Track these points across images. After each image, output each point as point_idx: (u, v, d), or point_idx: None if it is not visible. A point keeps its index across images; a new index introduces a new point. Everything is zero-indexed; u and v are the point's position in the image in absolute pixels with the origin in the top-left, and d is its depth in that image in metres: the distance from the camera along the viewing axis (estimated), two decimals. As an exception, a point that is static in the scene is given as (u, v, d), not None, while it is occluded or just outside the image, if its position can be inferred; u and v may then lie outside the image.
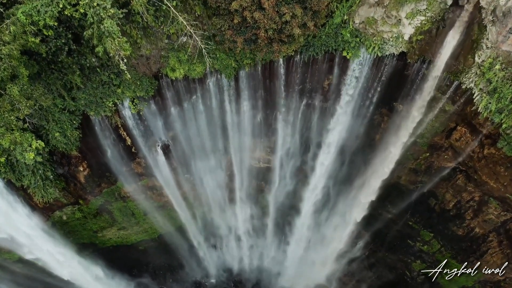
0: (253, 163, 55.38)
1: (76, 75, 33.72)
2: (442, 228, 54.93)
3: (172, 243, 70.64)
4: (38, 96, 30.30)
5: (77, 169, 45.93)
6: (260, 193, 61.89)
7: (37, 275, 56.93)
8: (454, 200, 50.77)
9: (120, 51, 26.23)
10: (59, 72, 33.25)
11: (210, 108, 43.53)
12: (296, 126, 46.79)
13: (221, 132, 47.29)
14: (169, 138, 46.21)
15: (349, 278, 75.95)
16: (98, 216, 58.44)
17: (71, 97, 37.11)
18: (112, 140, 43.63)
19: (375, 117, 46.33)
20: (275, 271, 79.04)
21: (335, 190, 57.43)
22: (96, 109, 38.49)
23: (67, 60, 31.18)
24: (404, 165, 50.81)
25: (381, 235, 63.93)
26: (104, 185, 50.46)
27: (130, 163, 49.07)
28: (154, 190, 56.38)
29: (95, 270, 60.46)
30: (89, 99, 37.55)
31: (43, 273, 55.07)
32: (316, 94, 43.12)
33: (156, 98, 40.74)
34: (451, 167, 47.72)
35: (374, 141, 49.45)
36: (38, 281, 58.65)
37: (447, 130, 44.31)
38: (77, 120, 39.18)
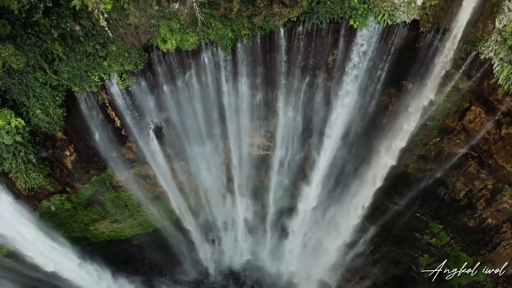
0: (252, 151, 52.10)
1: (57, 43, 30.46)
2: (452, 220, 52.13)
3: (168, 238, 67.62)
4: (8, 56, 26.93)
5: (63, 153, 42.65)
6: (260, 184, 58.51)
7: (27, 271, 52.68)
8: (465, 189, 47.99)
9: (100, 4, 22.82)
10: (37, 38, 30.17)
11: (205, 87, 40.46)
12: (298, 108, 43.77)
13: (218, 114, 44.20)
14: (162, 120, 42.98)
15: (352, 274, 73.04)
16: (89, 208, 55.27)
17: (53, 70, 33.90)
18: (99, 120, 40.40)
19: (382, 98, 43.54)
20: (276, 267, 75.41)
21: (339, 179, 53.67)
22: (80, 84, 35.30)
23: (44, 21, 28.08)
24: (412, 151, 48.26)
25: (386, 228, 61.06)
26: (93, 171, 47.15)
27: (120, 147, 45.85)
28: (147, 179, 53.09)
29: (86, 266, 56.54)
30: (73, 72, 34.38)
31: (34, 269, 51.03)
32: (319, 72, 40.04)
33: (147, 74, 37.49)
34: (463, 153, 44.99)
35: (381, 125, 46.23)
36: (28, 277, 53.95)
37: (460, 111, 41.45)
38: (60, 96, 36.00)
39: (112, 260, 66.51)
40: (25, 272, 53.29)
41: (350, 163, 51.42)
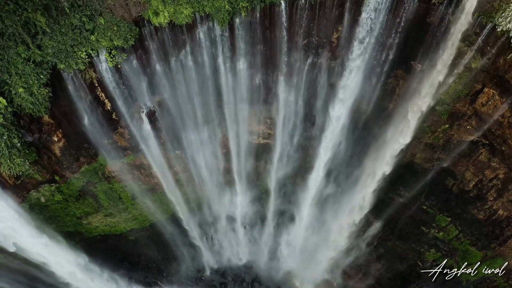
0: (252, 139, 49.46)
1: (39, 13, 27.71)
2: (461, 212, 49.89)
3: (165, 233, 65.34)
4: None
5: (50, 139, 40.03)
6: (260, 175, 55.85)
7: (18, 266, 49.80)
8: (475, 179, 45.82)
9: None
10: (16, 5, 27.26)
11: (201, 67, 38.00)
12: (300, 91, 41.33)
13: (215, 98, 41.73)
14: (155, 104, 40.46)
15: (355, 271, 70.56)
16: (81, 200, 52.84)
17: (36, 44, 31.46)
18: (88, 102, 37.88)
19: (389, 81, 41.37)
20: (276, 263, 72.76)
21: (343, 170, 50.97)
22: (66, 60, 32.82)
23: (23, -14, 25.24)
24: (420, 139, 46.12)
25: (391, 222, 58.73)
26: (83, 159, 44.54)
27: (111, 133, 43.26)
28: (141, 170, 50.52)
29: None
30: (58, 47, 31.91)
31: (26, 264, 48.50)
32: (323, 51, 37.68)
33: (138, 51, 35.00)
34: (473, 141, 42.98)
35: (387, 111, 44.17)
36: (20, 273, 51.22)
37: (472, 93, 39.23)
38: (45, 74, 33.51)
39: (107, 256, 63.73)
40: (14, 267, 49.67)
41: (354, 151, 48.44)
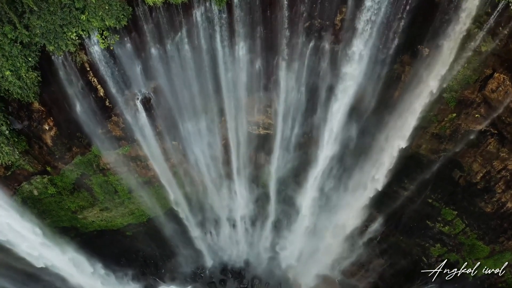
0: (252, 129, 47.63)
1: (26, -11, 25.72)
2: (468, 205, 48.54)
3: (163, 229, 63.79)
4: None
5: (41, 127, 38.26)
6: (260, 167, 53.98)
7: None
8: (483, 170, 44.36)
9: None
10: (-1, -22, 25.40)
11: (198, 51, 36.33)
12: (302, 77, 39.48)
13: (213, 84, 39.70)
14: (150, 90, 38.67)
15: (358, 267, 68.70)
16: (75, 193, 51.20)
17: (24, 24, 29.80)
18: (80, 88, 36.13)
19: (394, 67, 39.83)
20: (277, 259, 71.01)
21: (346, 162, 49.14)
22: (55, 41, 31.06)
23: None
24: (426, 129, 44.60)
25: (395, 216, 57.26)
26: (76, 149, 42.74)
27: (105, 122, 41.51)
28: (138, 161, 48.76)
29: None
30: (46, 27, 30.19)
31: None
32: (326, 34, 36.03)
33: (132, 33, 33.21)
34: (481, 130, 41.42)
35: (392, 99, 42.60)
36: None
37: (481, 79, 37.62)
38: (33, 57, 31.73)
39: (104, 253, 62.51)
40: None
41: (358, 142, 46.48)
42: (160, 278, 71.22)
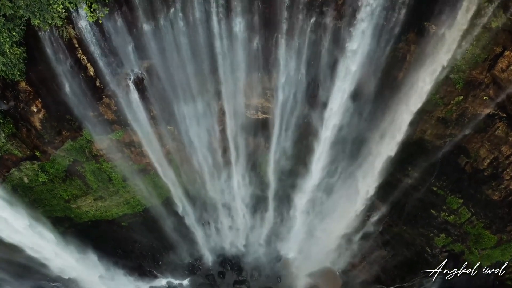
0: (250, 114, 45.65)
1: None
2: (474, 193, 46.84)
3: (159, 219, 62.04)
4: None
5: (29, 109, 36.25)
6: (259, 154, 52.02)
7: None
8: (490, 156, 42.77)
9: None
10: None
11: (193, 27, 34.69)
12: (302, 56, 37.59)
13: (209, 64, 37.59)
14: (143, 70, 36.70)
15: (359, 259, 66.80)
16: (68, 181, 49.47)
17: (6, -5, 27.08)
18: (69, 66, 34.16)
19: (399, 46, 38.19)
20: (276, 251, 69.42)
21: (347, 148, 47.18)
22: (40, 14, 29.33)
23: None
24: (431, 113, 43.12)
25: (398, 205, 55.55)
26: (66, 133, 40.82)
27: (96, 105, 39.71)
28: (132, 148, 46.94)
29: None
30: (31, -2, 27.62)
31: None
32: (328, 9, 34.30)
33: (123, 7, 31.38)
34: (489, 114, 39.92)
35: (396, 81, 40.97)
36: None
37: (491, 58, 36.00)
38: (17, 31, 29.99)
39: (99, 244, 60.96)
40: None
41: (360, 127, 44.72)
42: (157, 270, 68.71)
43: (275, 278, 70.20)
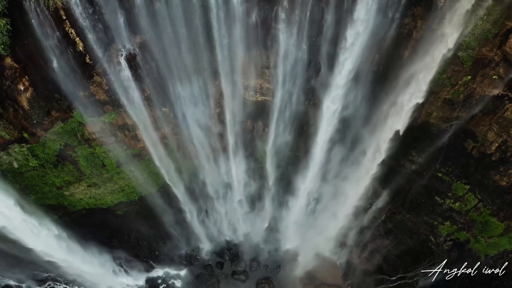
0: (248, 96, 43.64)
1: None
2: (481, 178, 45.36)
3: (156, 207, 60.53)
4: None
5: (15, 87, 34.41)
6: (258, 139, 50.07)
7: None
8: (499, 140, 41.42)
9: None
10: None
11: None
12: (303, 31, 35.42)
13: (205, 41, 35.49)
14: (135, 46, 34.61)
15: (361, 248, 65.19)
16: (60, 166, 47.79)
17: (-15, -42, 24.95)
18: (56, 41, 31.93)
19: (405, 22, 36.88)
20: (276, 240, 67.98)
21: (350, 131, 45.29)
22: (23, -20, 26.44)
23: None
24: (437, 95, 41.68)
25: (401, 192, 54.12)
26: (55, 113, 38.87)
27: (87, 83, 37.65)
28: (125, 131, 45.06)
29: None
30: (11, -38, 25.49)
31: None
32: (330, -20, 31.39)
33: (114, -24, 28.71)
34: (498, 95, 38.50)
35: (402, 60, 39.56)
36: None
37: (502, 33, 34.49)
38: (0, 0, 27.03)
39: (94, 233, 59.16)
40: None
41: (363, 109, 42.82)
42: (154, 260, 66.93)
43: (274, 268, 68.59)
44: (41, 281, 55.23)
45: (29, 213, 43.91)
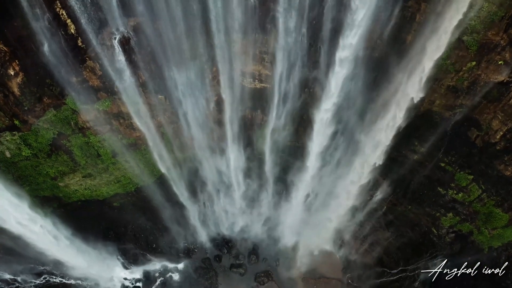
0: (246, 82, 42.39)
1: None
2: (485, 168, 44.59)
3: (153, 199, 59.57)
4: None
5: (6, 72, 33.30)
6: (257, 128, 48.86)
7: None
8: (504, 128, 40.55)
9: None
10: None
11: (183, -22, 30.42)
12: (304, 14, 34.18)
13: (202, 24, 34.18)
14: (129, 29, 33.23)
15: (361, 241, 64.26)
16: (53, 156, 46.90)
17: None
18: (47, 22, 30.52)
19: (409, 4, 35.81)
20: (275, 233, 67.17)
21: (350, 119, 44.18)
22: (9, -44, 25.08)
23: None
24: (441, 82, 40.74)
25: (403, 183, 53.23)
26: (47, 100, 37.73)
27: (80, 68, 36.46)
28: (120, 119, 43.97)
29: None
30: None
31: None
32: (332, -42, 30.21)
33: (106, -46, 27.40)
34: (503, 81, 37.59)
35: (404, 45, 38.69)
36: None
37: (509, 16, 33.36)
38: (-15, -23, 25.80)
39: (90, 225, 58.59)
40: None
41: (364, 97, 41.51)
42: (151, 253, 65.92)
43: (273, 261, 67.79)
44: (36, 274, 53.93)
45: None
